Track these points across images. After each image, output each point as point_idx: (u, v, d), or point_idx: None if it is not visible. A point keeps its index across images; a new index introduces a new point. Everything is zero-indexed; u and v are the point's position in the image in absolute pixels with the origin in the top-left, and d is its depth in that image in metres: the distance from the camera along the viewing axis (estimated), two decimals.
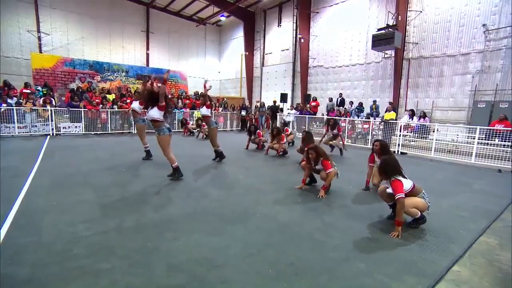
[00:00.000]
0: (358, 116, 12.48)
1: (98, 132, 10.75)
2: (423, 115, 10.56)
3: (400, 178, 3.08)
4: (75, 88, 12.57)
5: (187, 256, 2.44)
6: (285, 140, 7.34)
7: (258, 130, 8.21)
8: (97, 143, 8.87)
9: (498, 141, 8.15)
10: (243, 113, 14.22)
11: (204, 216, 3.37)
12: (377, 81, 14.42)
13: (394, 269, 2.34)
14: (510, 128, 7.10)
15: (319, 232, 3.02)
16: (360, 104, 13.18)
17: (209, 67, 24.20)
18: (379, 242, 2.83)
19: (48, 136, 9.63)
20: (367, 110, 13.02)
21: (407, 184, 3.07)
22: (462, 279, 2.26)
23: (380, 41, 12.36)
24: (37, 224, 3.01)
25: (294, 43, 18.24)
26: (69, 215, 3.27)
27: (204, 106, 6.42)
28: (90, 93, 11.83)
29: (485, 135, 8.69)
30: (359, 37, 14.90)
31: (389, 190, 3.15)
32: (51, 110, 9.83)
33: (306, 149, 4.33)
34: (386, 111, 10.82)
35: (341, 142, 7.79)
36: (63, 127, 10.12)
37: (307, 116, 12.67)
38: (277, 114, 13.59)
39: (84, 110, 10.37)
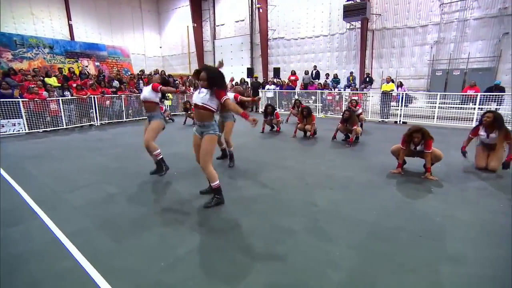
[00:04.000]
0: (335, 88, 12.52)
1: (48, 129, 7.97)
2: (400, 84, 11.12)
3: None
4: None
5: None
6: (315, 120, 6.70)
7: (276, 111, 7.27)
8: (68, 144, 6.55)
9: (472, 105, 9.29)
10: None
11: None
12: (342, 53, 14.70)
13: None
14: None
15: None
16: (336, 76, 13.25)
17: (149, 42, 20.77)
18: None
19: None
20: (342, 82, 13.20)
21: None
22: None
23: (351, 11, 12.40)
24: None
25: (250, 13, 16.94)
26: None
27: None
28: (15, 77, 8.45)
29: (461, 100, 9.79)
30: (321, 8, 14.67)
31: None
32: None
33: (409, 133, 3.92)
34: (368, 82, 11.11)
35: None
36: None
37: (292, 91, 12.13)
38: (259, 90, 12.60)
39: (23, 101, 7.33)
